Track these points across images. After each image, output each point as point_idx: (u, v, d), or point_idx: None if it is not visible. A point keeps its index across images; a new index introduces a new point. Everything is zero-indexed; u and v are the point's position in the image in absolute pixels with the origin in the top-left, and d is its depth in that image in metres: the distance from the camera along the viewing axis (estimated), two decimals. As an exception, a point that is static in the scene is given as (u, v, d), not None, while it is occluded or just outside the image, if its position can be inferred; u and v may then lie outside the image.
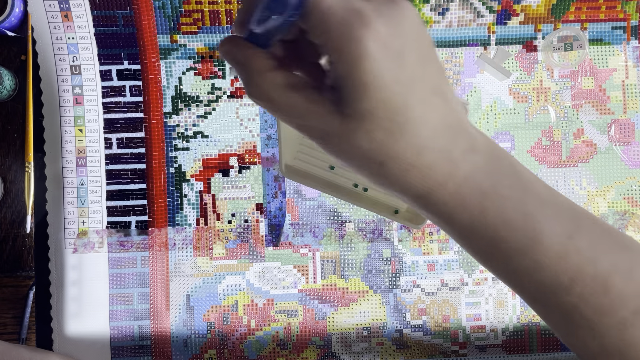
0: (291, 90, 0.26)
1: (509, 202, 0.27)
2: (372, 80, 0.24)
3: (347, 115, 0.25)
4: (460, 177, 0.26)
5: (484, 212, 0.27)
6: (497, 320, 0.50)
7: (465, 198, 0.27)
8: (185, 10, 0.50)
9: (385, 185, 0.28)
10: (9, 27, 0.51)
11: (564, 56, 0.51)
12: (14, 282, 0.53)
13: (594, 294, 0.27)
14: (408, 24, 0.25)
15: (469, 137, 0.27)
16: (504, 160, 0.28)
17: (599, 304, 0.27)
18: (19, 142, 0.52)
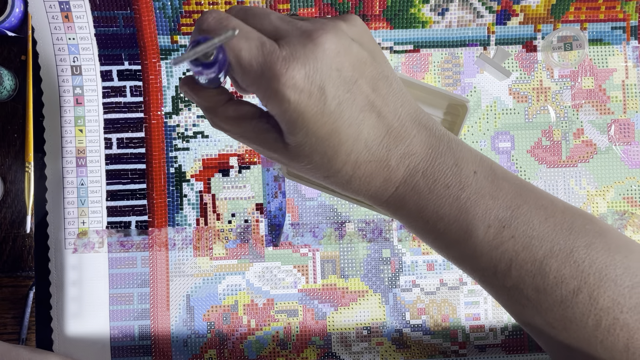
0: (242, 121, 0.30)
1: (444, 200, 0.30)
2: (297, 118, 0.27)
3: (287, 144, 0.29)
4: (398, 181, 0.30)
5: (421, 210, 0.30)
6: (496, 320, 0.50)
7: (405, 197, 0.30)
8: (186, 11, 0.50)
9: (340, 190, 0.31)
10: (9, 27, 0.51)
11: (564, 56, 0.51)
12: (14, 282, 0.53)
13: (532, 277, 0.29)
14: (326, 57, 0.27)
15: (406, 141, 0.29)
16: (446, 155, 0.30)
17: (538, 284, 0.29)
18: (19, 142, 0.52)
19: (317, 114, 0.27)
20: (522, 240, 0.29)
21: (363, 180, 0.30)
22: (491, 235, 0.29)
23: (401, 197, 0.30)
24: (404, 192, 0.30)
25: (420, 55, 0.51)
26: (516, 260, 0.29)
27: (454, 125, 0.45)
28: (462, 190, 0.30)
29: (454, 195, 0.30)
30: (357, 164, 0.29)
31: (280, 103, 0.27)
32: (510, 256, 0.29)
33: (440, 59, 0.51)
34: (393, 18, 0.50)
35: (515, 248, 0.29)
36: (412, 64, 0.51)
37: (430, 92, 0.39)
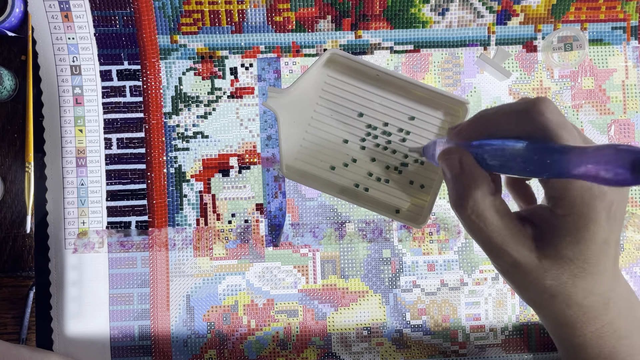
0: (503, 217, 0.29)
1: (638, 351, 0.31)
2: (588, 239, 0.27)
3: (546, 256, 0.29)
4: (606, 320, 0.30)
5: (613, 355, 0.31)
6: (497, 320, 0.51)
7: (603, 337, 0.31)
8: (185, 11, 0.50)
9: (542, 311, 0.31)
10: (9, 27, 0.51)
11: (564, 56, 0.51)
12: (14, 282, 0.53)
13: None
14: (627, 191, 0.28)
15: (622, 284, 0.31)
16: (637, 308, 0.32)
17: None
18: (19, 142, 0.52)
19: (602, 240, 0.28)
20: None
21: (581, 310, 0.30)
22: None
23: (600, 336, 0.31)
24: (606, 332, 0.30)
25: (421, 55, 0.51)
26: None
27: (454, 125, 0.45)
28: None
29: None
30: (590, 294, 0.29)
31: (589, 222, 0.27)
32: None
33: (441, 59, 0.51)
34: (393, 18, 0.50)
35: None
36: (412, 64, 0.51)
37: (430, 92, 0.39)
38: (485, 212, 0.29)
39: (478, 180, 0.29)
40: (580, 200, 0.27)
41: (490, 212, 0.29)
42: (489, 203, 0.29)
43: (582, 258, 0.28)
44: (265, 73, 0.51)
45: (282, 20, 0.50)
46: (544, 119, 0.26)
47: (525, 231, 0.29)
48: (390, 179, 0.40)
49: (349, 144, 0.40)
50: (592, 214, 0.27)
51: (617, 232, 0.29)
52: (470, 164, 0.30)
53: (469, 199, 0.29)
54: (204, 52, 0.50)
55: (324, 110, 0.40)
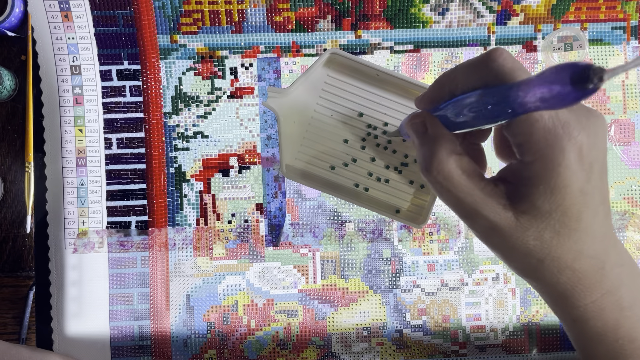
0: (472, 177, 0.28)
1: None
2: (562, 186, 0.26)
3: (522, 212, 0.27)
4: (605, 288, 0.29)
5: (617, 326, 0.29)
6: (497, 320, 0.50)
7: (605, 309, 0.29)
8: (185, 11, 0.50)
9: (533, 279, 0.30)
10: (9, 27, 0.51)
11: (564, 56, 0.51)
12: (14, 282, 0.53)
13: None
14: (601, 136, 0.27)
15: (619, 250, 0.29)
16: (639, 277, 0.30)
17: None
18: (19, 142, 0.52)
19: (578, 190, 0.26)
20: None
21: (575, 275, 0.28)
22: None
23: (602, 307, 0.29)
24: (607, 302, 0.29)
25: (421, 55, 0.51)
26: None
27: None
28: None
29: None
30: (578, 255, 0.28)
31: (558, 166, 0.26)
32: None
33: (441, 59, 0.51)
34: (393, 18, 0.50)
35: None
36: (412, 64, 0.51)
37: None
38: (452, 171, 0.28)
39: (441, 140, 0.29)
40: (544, 142, 0.26)
41: (456, 172, 0.28)
42: (454, 162, 0.28)
43: (560, 210, 0.26)
44: (265, 73, 0.51)
45: (282, 20, 0.50)
46: (497, 64, 0.26)
47: (497, 189, 0.28)
48: (390, 179, 0.40)
49: (349, 143, 0.40)
50: (559, 157, 0.25)
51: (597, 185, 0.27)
52: (433, 125, 0.29)
53: (434, 160, 0.28)
54: (204, 52, 0.50)
55: (324, 110, 0.40)
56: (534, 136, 0.26)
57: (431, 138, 0.29)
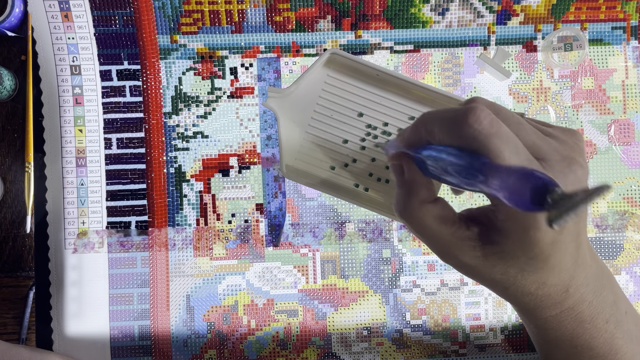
0: (443, 223, 0.29)
1: (601, 334, 0.31)
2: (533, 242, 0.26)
3: (491, 253, 0.28)
4: (566, 306, 0.30)
5: (575, 336, 0.31)
6: (497, 320, 0.51)
7: (564, 321, 0.31)
8: (185, 11, 0.50)
9: (500, 295, 0.31)
10: (9, 27, 0.50)
11: (564, 56, 0.51)
12: (14, 282, 0.53)
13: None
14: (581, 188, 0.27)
15: (585, 270, 0.30)
16: (608, 289, 0.31)
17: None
18: (19, 142, 0.52)
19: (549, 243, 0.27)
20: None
21: (538, 299, 0.30)
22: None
23: (561, 320, 0.31)
24: (567, 317, 0.30)
25: (421, 55, 0.51)
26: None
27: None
28: (616, 328, 0.31)
29: (610, 331, 0.31)
30: (543, 285, 0.29)
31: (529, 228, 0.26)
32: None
33: (441, 59, 0.51)
34: (393, 18, 0.50)
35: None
36: (412, 64, 0.51)
37: (430, 92, 0.39)
38: (423, 218, 0.29)
39: (416, 187, 0.29)
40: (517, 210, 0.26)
41: (428, 219, 0.29)
42: (427, 211, 0.29)
43: (529, 256, 0.27)
44: (265, 73, 0.51)
45: (282, 20, 0.50)
46: (472, 130, 0.25)
47: (469, 233, 0.29)
48: (390, 179, 0.40)
49: (349, 144, 0.40)
50: (530, 222, 0.26)
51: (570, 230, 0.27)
52: (410, 171, 0.30)
53: (407, 205, 0.29)
54: (204, 52, 0.50)
55: (324, 110, 0.40)
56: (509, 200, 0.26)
57: (407, 183, 0.30)
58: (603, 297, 0.31)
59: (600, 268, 0.31)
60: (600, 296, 0.31)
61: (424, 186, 0.29)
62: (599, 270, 0.31)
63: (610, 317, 0.31)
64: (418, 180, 0.29)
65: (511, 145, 0.25)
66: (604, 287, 0.31)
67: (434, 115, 0.28)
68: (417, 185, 0.29)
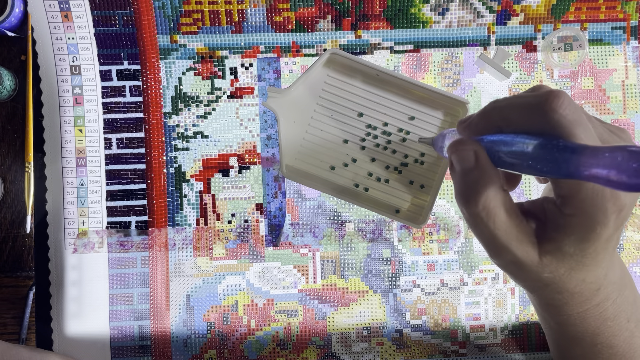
0: (511, 215, 0.28)
1: (622, 332, 0.31)
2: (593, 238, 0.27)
3: (546, 252, 0.28)
4: (593, 303, 0.30)
5: (597, 333, 0.31)
6: (497, 320, 0.51)
7: (588, 318, 0.31)
8: (185, 11, 0.50)
9: (531, 292, 0.32)
10: (9, 27, 0.50)
11: (564, 56, 0.51)
12: (14, 282, 0.53)
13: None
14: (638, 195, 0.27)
15: (614, 267, 0.30)
16: (629, 288, 0.32)
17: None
18: (19, 142, 0.52)
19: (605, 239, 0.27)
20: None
21: (569, 295, 0.30)
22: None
23: (585, 317, 0.31)
24: (592, 314, 0.31)
25: (421, 55, 0.51)
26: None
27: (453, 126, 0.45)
28: (637, 327, 0.32)
29: (630, 330, 0.31)
30: (581, 282, 0.29)
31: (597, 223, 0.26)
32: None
33: (440, 59, 0.51)
34: (393, 18, 0.50)
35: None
36: (412, 64, 0.51)
37: (430, 92, 0.39)
38: (497, 208, 0.28)
39: (491, 176, 0.28)
40: (590, 202, 0.26)
41: (500, 210, 0.28)
42: (500, 200, 0.28)
43: (582, 254, 0.28)
44: (265, 73, 0.51)
45: (282, 20, 0.50)
46: (558, 115, 0.25)
47: (528, 228, 0.29)
48: (390, 179, 0.40)
49: (348, 144, 0.40)
50: (600, 217, 0.26)
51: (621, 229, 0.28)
52: (482, 158, 0.28)
53: (481, 195, 0.28)
54: (204, 52, 0.50)
55: (324, 110, 0.40)
56: (581, 194, 0.26)
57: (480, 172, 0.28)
58: (625, 296, 0.31)
59: (621, 266, 0.32)
60: (623, 295, 0.31)
61: (497, 175, 0.28)
62: (622, 269, 0.32)
63: (631, 315, 0.31)
64: (491, 168, 0.28)
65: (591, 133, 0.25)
66: (625, 286, 0.31)
67: (510, 100, 0.27)
68: (492, 174, 0.28)
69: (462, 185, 0.29)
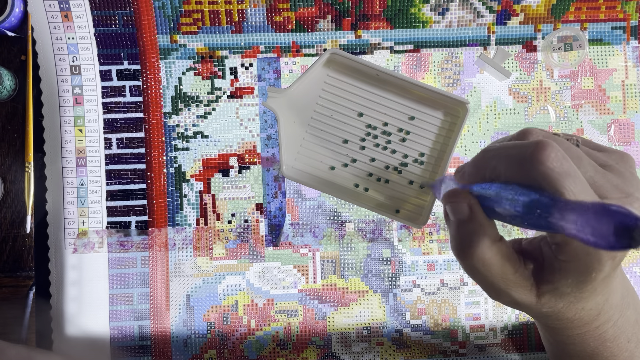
0: (507, 263, 0.28)
1: (622, 352, 0.31)
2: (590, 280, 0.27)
3: (544, 292, 0.28)
4: (594, 325, 0.30)
5: (596, 353, 0.32)
6: (496, 320, 0.51)
7: (588, 339, 0.31)
8: (185, 10, 0.50)
9: (533, 318, 0.32)
10: (9, 27, 0.50)
11: (564, 56, 0.51)
12: (14, 282, 0.53)
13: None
14: None
15: (616, 292, 0.30)
16: (632, 308, 0.32)
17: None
18: (19, 142, 0.52)
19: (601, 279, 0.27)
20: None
21: (569, 321, 0.30)
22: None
23: (585, 338, 0.31)
24: (591, 335, 0.31)
25: (421, 55, 0.51)
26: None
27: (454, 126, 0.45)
28: (637, 348, 0.31)
29: (630, 350, 0.31)
30: (580, 310, 0.29)
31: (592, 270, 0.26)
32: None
33: (440, 59, 0.51)
34: (393, 18, 0.50)
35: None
36: (412, 64, 0.51)
37: (430, 92, 0.39)
38: (492, 259, 0.28)
39: (485, 228, 0.28)
40: (583, 250, 0.26)
41: (496, 260, 0.28)
42: (496, 251, 0.28)
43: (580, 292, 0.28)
44: (265, 73, 0.51)
45: (282, 20, 0.50)
46: (544, 168, 0.24)
47: (526, 271, 0.29)
48: (390, 179, 0.40)
49: (348, 144, 0.40)
50: (595, 264, 0.26)
51: (619, 266, 0.28)
52: (476, 209, 0.28)
53: (477, 248, 0.28)
54: (203, 52, 0.50)
55: (324, 110, 0.40)
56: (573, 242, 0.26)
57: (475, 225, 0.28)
58: (627, 317, 0.31)
59: (625, 287, 0.32)
60: (624, 316, 0.31)
61: (491, 226, 0.28)
62: (625, 289, 0.31)
63: (632, 336, 0.31)
64: (485, 220, 0.28)
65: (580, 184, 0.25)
66: (628, 306, 0.31)
67: (497, 151, 0.27)
68: (487, 226, 0.28)
69: (457, 238, 0.29)
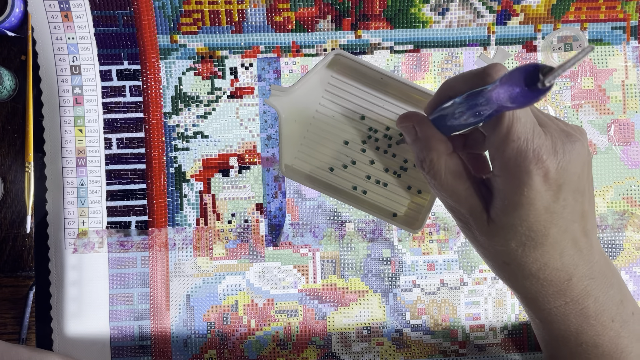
0: (458, 177, 0.30)
1: (606, 331, 0.31)
2: (525, 203, 0.28)
3: (492, 219, 0.29)
4: (570, 297, 0.31)
5: (580, 332, 0.32)
6: (496, 319, 0.51)
7: (569, 315, 0.31)
8: (185, 10, 0.50)
9: (502, 279, 0.32)
10: (9, 27, 0.50)
11: (564, 56, 0.51)
12: (14, 282, 0.53)
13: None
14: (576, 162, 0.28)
15: (590, 261, 0.30)
16: (617, 288, 0.32)
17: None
18: (19, 142, 0.52)
19: (543, 208, 0.28)
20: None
21: (539, 283, 0.30)
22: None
23: (565, 313, 0.31)
24: (572, 310, 0.31)
25: (421, 55, 0.51)
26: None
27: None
28: (622, 327, 0.32)
29: (615, 330, 0.31)
30: (545, 266, 0.30)
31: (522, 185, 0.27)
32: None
33: (441, 59, 0.51)
34: (393, 18, 0.50)
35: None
36: (412, 64, 0.51)
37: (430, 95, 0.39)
38: (441, 171, 0.30)
39: (433, 141, 0.31)
40: (513, 161, 0.27)
41: (444, 172, 0.30)
42: (444, 163, 0.30)
43: (525, 225, 0.28)
44: (265, 73, 0.50)
45: (282, 20, 0.50)
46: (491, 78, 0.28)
47: (478, 193, 0.30)
48: (388, 183, 0.40)
49: (349, 145, 0.40)
50: (524, 177, 0.27)
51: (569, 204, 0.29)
52: (425, 127, 0.31)
53: (427, 158, 0.31)
54: (204, 52, 0.50)
55: (326, 110, 0.40)
56: (505, 154, 0.27)
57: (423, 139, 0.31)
58: (610, 296, 0.31)
59: (607, 265, 0.32)
60: (607, 294, 0.31)
61: (440, 139, 0.31)
62: (607, 267, 0.31)
63: (616, 315, 0.31)
64: (433, 134, 0.31)
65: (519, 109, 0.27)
66: (611, 286, 0.31)
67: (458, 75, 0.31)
68: (434, 139, 0.31)
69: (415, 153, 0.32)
